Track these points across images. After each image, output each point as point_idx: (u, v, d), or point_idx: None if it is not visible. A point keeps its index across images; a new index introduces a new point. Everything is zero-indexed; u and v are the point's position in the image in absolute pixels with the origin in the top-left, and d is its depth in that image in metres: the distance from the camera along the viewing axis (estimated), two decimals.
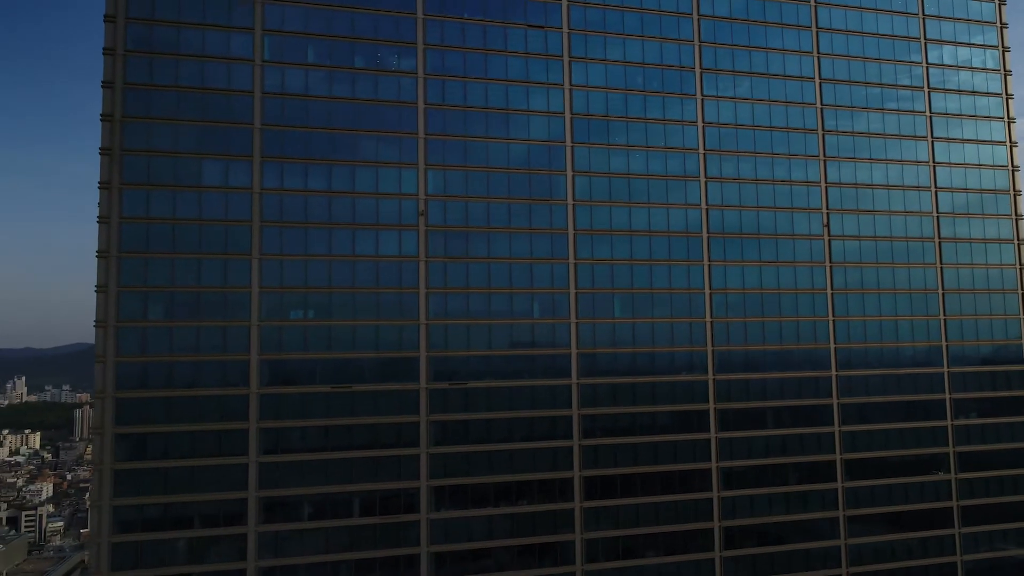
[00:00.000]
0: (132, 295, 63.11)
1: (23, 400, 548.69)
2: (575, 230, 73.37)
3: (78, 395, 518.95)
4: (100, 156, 63.14)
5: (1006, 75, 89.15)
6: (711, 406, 74.85)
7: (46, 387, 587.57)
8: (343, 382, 66.54)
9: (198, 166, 65.49)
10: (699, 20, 79.36)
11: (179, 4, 65.89)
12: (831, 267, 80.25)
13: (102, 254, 62.60)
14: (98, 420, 61.40)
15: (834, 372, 78.91)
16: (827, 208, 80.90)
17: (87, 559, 62.26)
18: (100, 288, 62.34)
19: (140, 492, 61.46)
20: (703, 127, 78.30)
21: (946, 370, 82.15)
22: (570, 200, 73.61)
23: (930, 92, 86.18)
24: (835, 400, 78.41)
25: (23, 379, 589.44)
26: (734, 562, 73.23)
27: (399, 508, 66.30)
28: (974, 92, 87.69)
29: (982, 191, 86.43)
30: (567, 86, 74.75)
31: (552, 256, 72.51)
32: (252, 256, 65.56)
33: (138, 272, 63.33)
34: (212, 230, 65.06)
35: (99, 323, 62.11)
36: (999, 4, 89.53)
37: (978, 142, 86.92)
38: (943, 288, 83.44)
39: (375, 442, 66.48)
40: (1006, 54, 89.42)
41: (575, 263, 72.92)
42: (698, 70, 78.80)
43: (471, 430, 68.81)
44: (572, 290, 72.60)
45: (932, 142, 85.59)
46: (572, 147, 74.18)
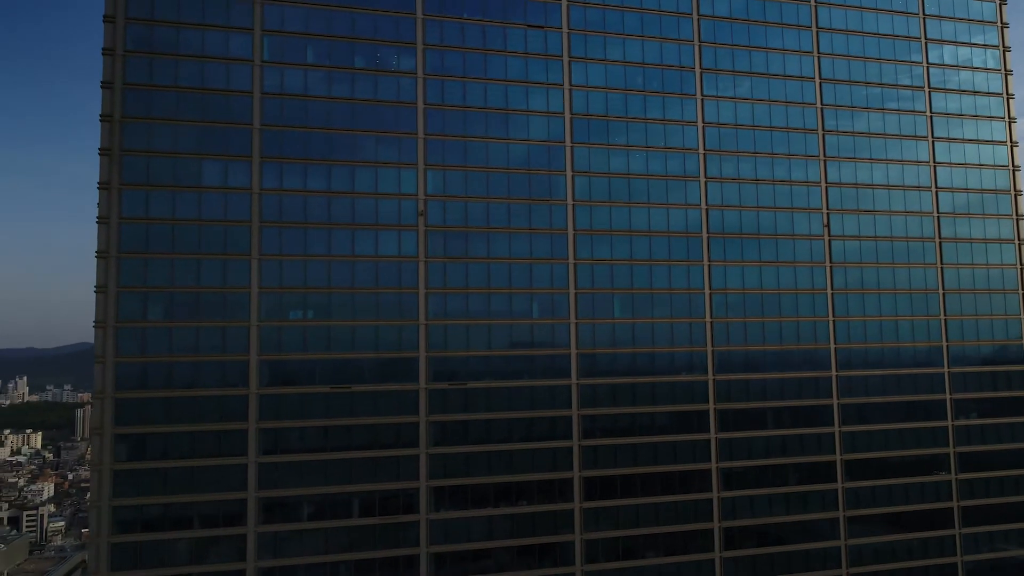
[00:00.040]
0: (131, 295, 63.13)
1: (25, 400, 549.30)
2: (575, 230, 73.31)
3: (79, 395, 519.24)
4: (99, 156, 63.16)
5: (1007, 75, 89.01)
6: (711, 406, 74.78)
7: (48, 387, 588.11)
8: (342, 382, 66.52)
9: (197, 166, 65.49)
10: (699, 20, 79.27)
11: (178, 4, 65.89)
12: (831, 267, 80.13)
13: (101, 254, 62.62)
14: (97, 420, 61.40)
15: (834, 372, 78.81)
16: (827, 208, 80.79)
17: (87, 559, 62.29)
18: (99, 289, 62.36)
19: (140, 492, 61.48)
20: (703, 127, 78.21)
21: (946, 370, 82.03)
22: (570, 200, 73.55)
23: (930, 92, 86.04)
24: (835, 400, 78.30)
25: (25, 379, 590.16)
26: (734, 563, 73.15)
27: (398, 508, 66.28)
28: (975, 92, 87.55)
29: (983, 191, 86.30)
30: (567, 86, 74.68)
31: (552, 256, 72.45)
32: (251, 256, 65.55)
33: (137, 272, 63.35)
34: (211, 230, 65.06)
35: (98, 323, 62.13)
36: (1000, 4, 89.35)
37: (979, 142, 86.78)
38: (943, 288, 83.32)
39: (374, 442, 66.47)
40: (1007, 54, 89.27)
41: (575, 263, 72.86)
42: (698, 70, 78.71)
43: (470, 430, 68.77)
44: (572, 290, 72.54)
45: (932, 142, 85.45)
46: (572, 147, 74.11)
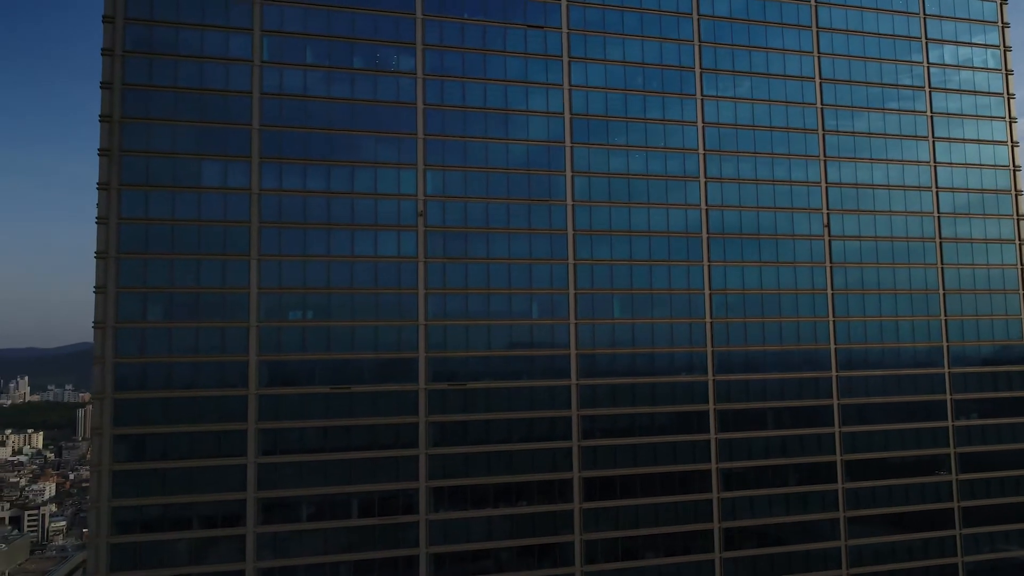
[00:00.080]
0: (131, 296, 63.12)
1: (26, 400, 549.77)
2: (574, 230, 73.23)
3: (81, 395, 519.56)
4: (99, 157, 63.15)
5: (1007, 75, 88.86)
6: (711, 407, 74.68)
7: (49, 387, 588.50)
8: (342, 383, 66.49)
9: (197, 167, 65.46)
10: (699, 20, 79.16)
11: (178, 5, 65.86)
12: (831, 267, 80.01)
13: (101, 255, 62.60)
14: (97, 421, 61.39)
15: (834, 373, 78.69)
16: (827, 208, 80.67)
17: (87, 560, 62.30)
18: (99, 289, 62.35)
19: (139, 493, 61.47)
20: (703, 127, 78.11)
21: (947, 371, 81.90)
22: (569, 200, 73.47)
23: (931, 92, 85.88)
24: (835, 401, 78.19)
25: (26, 379, 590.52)
26: (734, 563, 73.05)
27: (398, 509, 66.25)
28: (975, 92, 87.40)
29: (983, 191, 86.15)
30: (566, 86, 74.60)
31: (551, 257, 72.36)
32: (251, 257, 65.51)
33: (137, 273, 63.32)
34: (211, 231, 65.03)
35: (98, 324, 62.11)
36: (1000, 3, 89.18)
37: (979, 142, 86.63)
38: (944, 288, 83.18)
39: (374, 443, 66.43)
40: (1007, 54, 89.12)
41: (574, 263, 72.78)
42: (698, 70, 78.61)
43: (470, 431, 68.71)
44: (571, 291, 72.46)
45: (933, 142, 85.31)
46: (571, 147, 74.02)
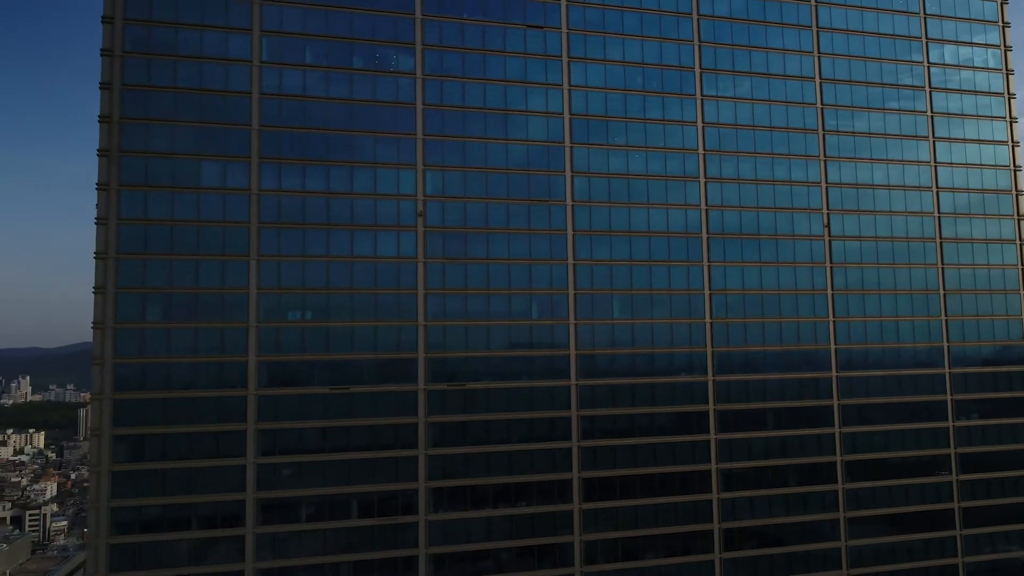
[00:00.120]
0: (130, 296, 63.13)
1: (27, 399, 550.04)
2: (574, 231, 73.17)
3: (82, 394, 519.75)
4: (98, 157, 63.16)
5: (1008, 74, 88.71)
6: (711, 407, 74.61)
7: (50, 386, 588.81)
8: (341, 383, 66.47)
9: (196, 167, 65.45)
10: (699, 20, 79.06)
11: (177, 5, 65.86)
12: (831, 268, 79.90)
13: (100, 255, 62.60)
14: (96, 421, 61.36)
15: (834, 373, 78.59)
16: (827, 208, 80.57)
17: (86, 561, 62.33)
18: (98, 290, 62.35)
19: (138, 494, 61.49)
20: (703, 127, 78.02)
21: (947, 371, 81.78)
22: (569, 201, 73.41)
23: (931, 92, 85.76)
24: (835, 401, 78.08)
25: (27, 378, 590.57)
26: (734, 564, 72.99)
27: (397, 509, 66.21)
28: (976, 92, 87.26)
29: (984, 191, 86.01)
30: (566, 86, 74.53)
31: (551, 257, 72.31)
32: (250, 257, 65.49)
33: (136, 273, 63.33)
34: (210, 231, 65.02)
35: (97, 324, 62.11)
36: (1001, 3, 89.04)
37: (980, 142, 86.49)
38: (944, 289, 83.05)
39: (373, 443, 66.41)
40: (1008, 53, 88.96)
41: (574, 264, 72.72)
42: (698, 70, 78.51)
43: (469, 431, 68.67)
44: (571, 291, 72.40)
45: (933, 142, 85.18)
46: (571, 148, 73.96)
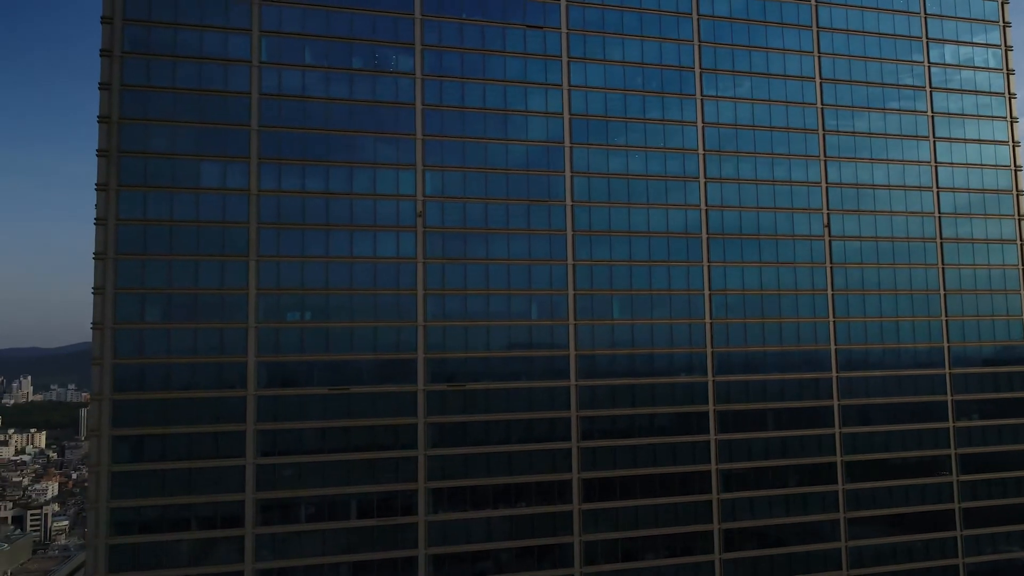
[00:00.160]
0: (129, 297, 63.09)
1: (29, 399, 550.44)
2: (574, 231, 73.09)
3: (83, 394, 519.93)
4: (97, 158, 63.14)
5: (1009, 74, 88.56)
6: (711, 408, 74.51)
7: (52, 386, 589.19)
8: (341, 384, 66.42)
9: (195, 168, 65.42)
10: (699, 20, 78.95)
11: (176, 5, 65.82)
12: (831, 268, 79.78)
13: (99, 256, 62.58)
14: (95, 422, 61.33)
15: (835, 373, 78.46)
16: (828, 208, 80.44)
17: (86, 561, 62.34)
18: (97, 290, 62.32)
19: (138, 494, 61.46)
20: (703, 127, 77.92)
21: (948, 371, 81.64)
22: (569, 201, 73.33)
23: (932, 91, 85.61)
24: (836, 402, 77.97)
25: (29, 378, 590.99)
26: (734, 564, 72.88)
27: (397, 510, 66.15)
28: (976, 91, 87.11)
29: (984, 191, 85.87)
30: (566, 87, 74.44)
31: (550, 257, 72.23)
32: (249, 258, 65.45)
33: (135, 274, 63.29)
34: (209, 232, 64.98)
35: (96, 325, 62.08)
36: (1002, 3, 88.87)
37: (980, 142, 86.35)
38: (945, 289, 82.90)
39: (373, 444, 66.36)
40: (1009, 53, 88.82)
41: (573, 264, 72.64)
42: (698, 70, 78.41)
43: (469, 432, 68.61)
44: (570, 291, 72.32)
45: (934, 142, 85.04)
46: (571, 148, 73.88)
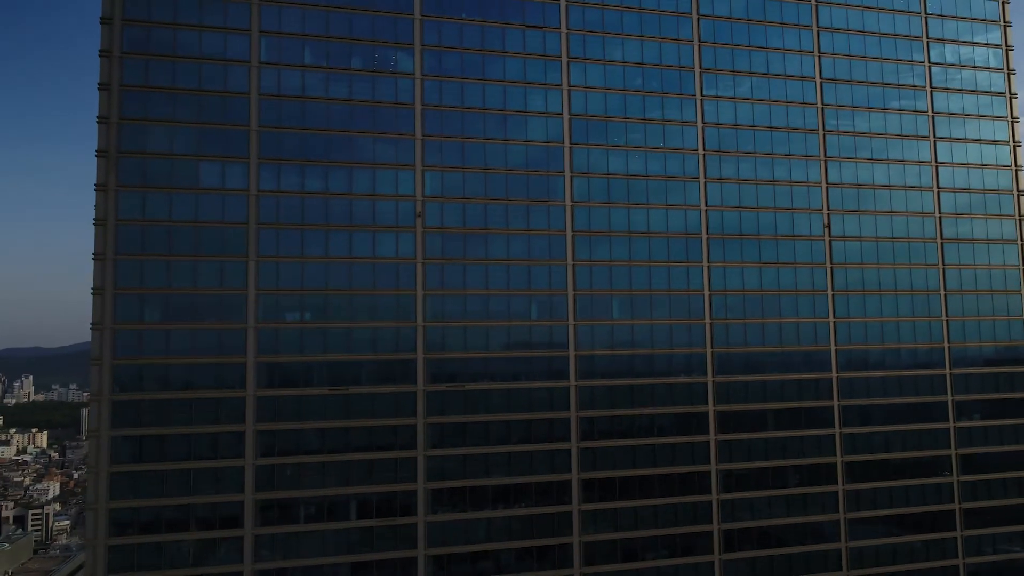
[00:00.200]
0: (128, 297, 63.08)
1: (30, 399, 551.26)
2: (573, 231, 73.01)
3: (85, 394, 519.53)
4: (96, 158, 63.11)
5: (1009, 74, 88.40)
6: (710, 408, 74.42)
7: (53, 386, 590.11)
8: (340, 384, 66.37)
9: (195, 168, 65.39)
10: (699, 20, 78.83)
11: (175, 6, 65.79)
12: (832, 268, 79.66)
13: (98, 256, 62.57)
14: (94, 422, 61.33)
15: (835, 374, 78.35)
16: (828, 209, 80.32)
17: (85, 562, 62.34)
18: (96, 291, 62.31)
19: (137, 495, 61.44)
20: (702, 127, 77.82)
21: (948, 372, 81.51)
22: (568, 201, 73.25)
23: (932, 91, 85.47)
24: (836, 402, 77.85)
25: (30, 378, 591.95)
26: (734, 565, 72.82)
27: (396, 510, 66.11)
28: (977, 91, 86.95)
29: (985, 191, 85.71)
30: (565, 87, 74.36)
31: (550, 257, 72.15)
32: (249, 258, 65.41)
33: (134, 274, 63.28)
34: (208, 232, 64.95)
35: (95, 325, 62.08)
36: (1002, 3, 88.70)
37: (981, 142, 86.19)
38: (945, 289, 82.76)
39: (372, 444, 66.32)
40: (1010, 53, 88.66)
41: (573, 264, 72.56)
42: (697, 70, 78.30)
43: (468, 432, 68.55)
44: (570, 291, 72.25)
45: (934, 142, 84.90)
46: (570, 148, 73.79)
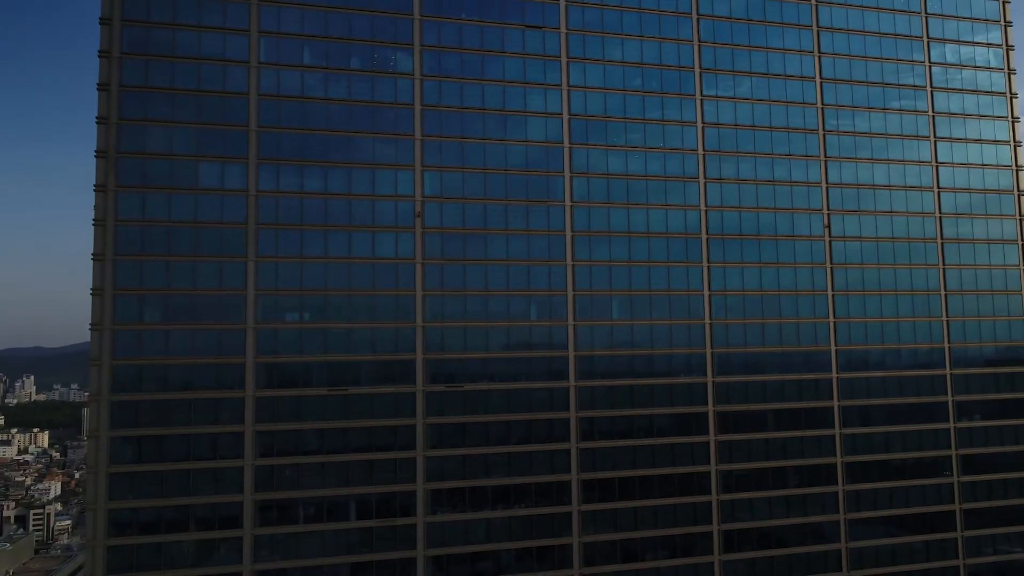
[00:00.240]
0: (128, 298, 63.09)
1: (32, 399, 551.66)
2: (573, 231, 72.94)
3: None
4: (96, 159, 63.12)
5: (1010, 74, 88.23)
6: (710, 408, 74.34)
7: (54, 386, 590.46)
8: (339, 385, 66.34)
9: (194, 168, 65.38)
10: (698, 20, 78.74)
11: (174, 6, 65.78)
12: (832, 268, 79.56)
13: (98, 257, 62.57)
14: (94, 423, 61.43)
15: (835, 374, 78.25)
16: (828, 209, 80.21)
17: (84, 563, 62.38)
18: (96, 291, 62.32)
19: (136, 495, 61.46)
20: (702, 127, 77.72)
21: (948, 372, 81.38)
22: (568, 201, 73.18)
23: (933, 91, 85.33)
24: (836, 402, 77.74)
25: (32, 378, 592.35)
26: (733, 565, 72.73)
27: (396, 511, 66.07)
28: (977, 91, 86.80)
29: (985, 191, 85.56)
30: (565, 87, 74.29)
31: (550, 258, 72.08)
32: (248, 258, 65.38)
33: (134, 275, 63.28)
34: (208, 232, 64.94)
35: (95, 326, 62.11)
36: (1003, 2, 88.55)
37: (981, 142, 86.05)
38: (945, 289, 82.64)
39: (371, 445, 66.27)
40: (1010, 52, 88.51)
41: (573, 264, 72.50)
42: (697, 70, 78.21)
43: (468, 433, 68.51)
44: (570, 292, 72.18)
45: (935, 142, 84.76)
46: (570, 148, 73.73)
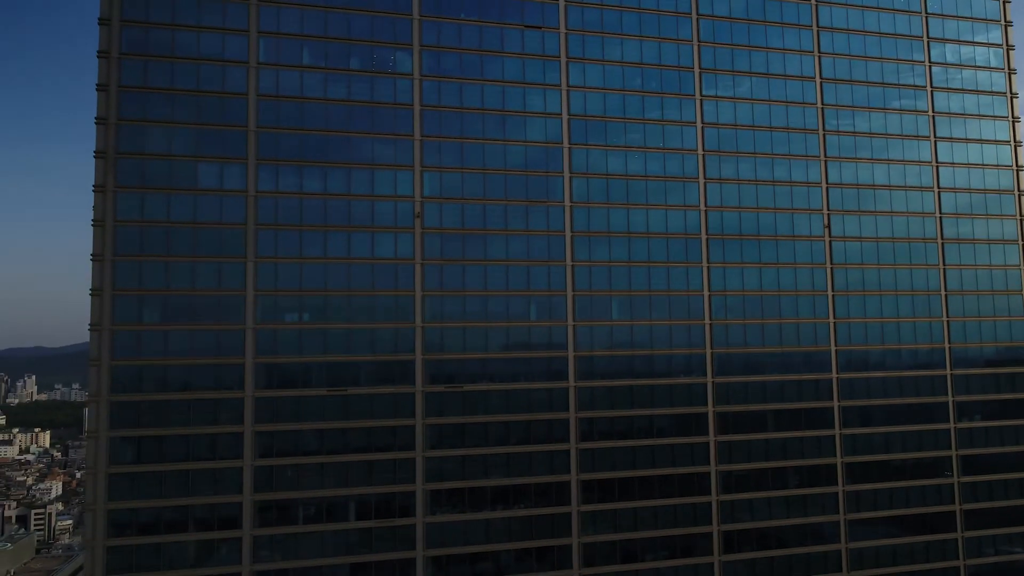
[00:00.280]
0: (127, 298, 63.10)
1: (33, 399, 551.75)
2: (572, 232, 72.89)
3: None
4: (95, 159, 63.14)
5: (1010, 74, 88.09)
6: (710, 409, 74.27)
7: (56, 386, 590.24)
8: (339, 385, 66.32)
9: (193, 169, 65.37)
10: (698, 20, 78.66)
11: (173, 6, 65.78)
12: (832, 268, 79.47)
13: (97, 257, 62.58)
14: (93, 423, 61.50)
15: (835, 375, 78.16)
16: (828, 209, 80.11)
17: (84, 563, 62.39)
18: (95, 291, 62.33)
19: (135, 496, 61.48)
20: (702, 128, 77.65)
21: (949, 372, 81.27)
22: (567, 202, 73.13)
23: (933, 91, 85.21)
24: (836, 403, 77.65)
25: (33, 378, 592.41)
26: (733, 566, 72.66)
27: (395, 511, 66.06)
28: (978, 91, 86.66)
29: (986, 191, 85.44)
30: (564, 87, 74.23)
31: (549, 258, 72.03)
32: (247, 259, 65.39)
33: (133, 275, 63.29)
34: (207, 233, 64.93)
35: (94, 326, 62.12)
36: (1003, 2, 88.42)
37: (982, 141, 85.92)
38: (946, 290, 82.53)
39: (371, 445, 66.27)
40: (1011, 52, 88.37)
41: (572, 265, 72.44)
42: (697, 70, 78.13)
43: (467, 433, 68.48)
44: (569, 292, 72.13)
45: (935, 142, 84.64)
46: (569, 148, 73.67)
